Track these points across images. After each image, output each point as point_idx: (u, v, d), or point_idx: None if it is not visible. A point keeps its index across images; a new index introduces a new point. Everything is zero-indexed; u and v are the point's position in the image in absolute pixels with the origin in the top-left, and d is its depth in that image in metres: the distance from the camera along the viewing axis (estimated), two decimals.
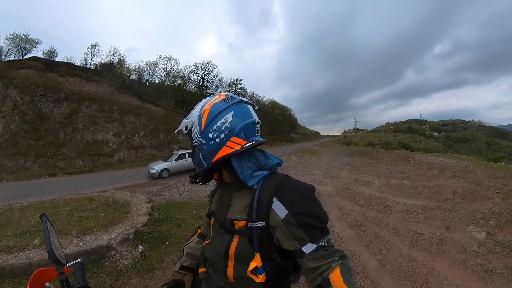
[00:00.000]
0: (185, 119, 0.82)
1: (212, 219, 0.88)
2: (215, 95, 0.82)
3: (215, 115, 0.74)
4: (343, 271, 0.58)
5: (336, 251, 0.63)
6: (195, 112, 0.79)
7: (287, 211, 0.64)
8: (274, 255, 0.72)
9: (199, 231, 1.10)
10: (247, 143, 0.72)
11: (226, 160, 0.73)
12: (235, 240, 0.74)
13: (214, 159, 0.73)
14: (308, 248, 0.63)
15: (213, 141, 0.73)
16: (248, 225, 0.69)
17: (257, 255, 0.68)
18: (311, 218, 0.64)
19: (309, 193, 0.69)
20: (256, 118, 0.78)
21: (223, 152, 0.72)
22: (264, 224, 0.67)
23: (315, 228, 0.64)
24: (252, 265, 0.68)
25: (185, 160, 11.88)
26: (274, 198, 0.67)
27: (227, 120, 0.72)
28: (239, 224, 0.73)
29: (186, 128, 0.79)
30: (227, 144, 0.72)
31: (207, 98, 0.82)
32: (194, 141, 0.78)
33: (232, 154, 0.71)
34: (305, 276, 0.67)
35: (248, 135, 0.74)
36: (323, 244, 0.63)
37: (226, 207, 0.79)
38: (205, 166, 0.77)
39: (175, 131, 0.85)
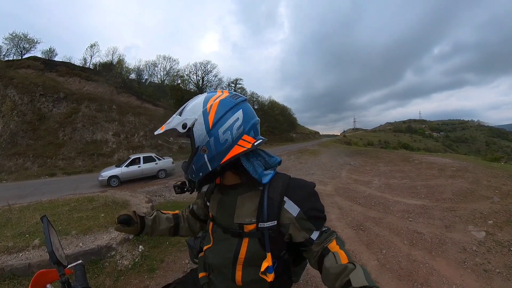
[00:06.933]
0: (178, 116, 0.72)
1: (211, 224, 0.84)
2: (216, 92, 0.77)
3: (225, 111, 0.69)
4: (338, 242, 0.71)
5: (332, 231, 0.75)
6: (196, 108, 0.71)
7: (299, 209, 0.70)
8: (282, 252, 0.76)
9: (177, 211, 1.11)
10: (256, 141, 0.71)
11: (233, 161, 0.70)
12: (245, 243, 0.72)
13: (225, 159, 0.68)
14: (315, 235, 0.71)
15: (225, 140, 0.68)
16: (259, 225, 0.70)
17: (269, 255, 0.69)
18: (317, 211, 0.72)
19: (313, 189, 0.76)
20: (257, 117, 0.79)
21: (235, 151, 0.68)
22: (275, 223, 0.70)
23: (320, 218, 0.73)
24: (264, 265, 0.68)
25: (139, 166, 10.15)
26: (286, 198, 0.71)
27: (238, 118, 0.69)
28: (249, 227, 0.72)
29: (184, 126, 0.70)
30: (239, 143, 0.69)
31: (208, 94, 0.75)
32: (197, 141, 0.69)
33: (244, 153, 0.69)
34: (308, 256, 0.74)
35: (255, 134, 0.74)
36: (324, 229, 0.73)
37: (230, 212, 0.76)
38: (210, 169, 0.70)
39: (156, 132, 0.73)
